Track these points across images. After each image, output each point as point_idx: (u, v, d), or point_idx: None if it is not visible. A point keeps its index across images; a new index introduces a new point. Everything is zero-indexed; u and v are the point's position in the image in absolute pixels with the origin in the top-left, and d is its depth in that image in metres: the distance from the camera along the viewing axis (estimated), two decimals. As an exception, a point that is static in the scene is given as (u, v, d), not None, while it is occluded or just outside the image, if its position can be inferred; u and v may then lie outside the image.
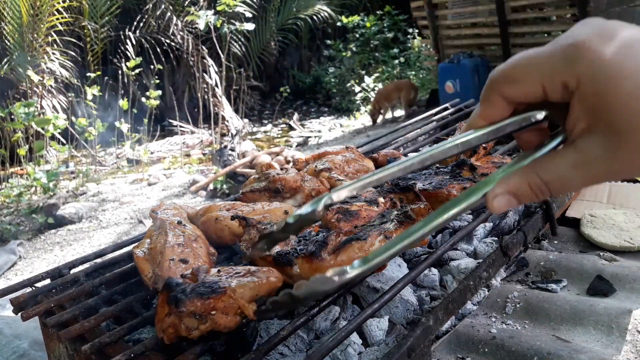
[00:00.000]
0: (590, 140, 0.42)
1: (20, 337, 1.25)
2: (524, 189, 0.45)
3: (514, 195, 0.46)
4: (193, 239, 0.94)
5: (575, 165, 0.43)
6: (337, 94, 9.72)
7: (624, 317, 1.00)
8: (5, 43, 7.01)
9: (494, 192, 0.46)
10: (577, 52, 0.41)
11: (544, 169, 0.45)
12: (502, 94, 0.46)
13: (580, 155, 0.43)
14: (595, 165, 0.43)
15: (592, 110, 0.41)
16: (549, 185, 0.45)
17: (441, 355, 0.96)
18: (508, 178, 0.46)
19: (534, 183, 0.45)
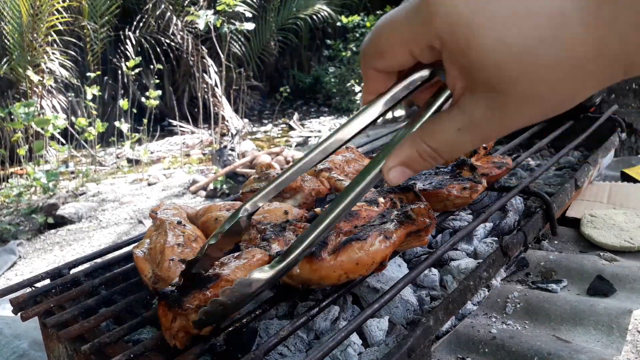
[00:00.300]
0: (472, 100, 0.40)
1: (20, 337, 1.25)
2: (415, 157, 0.44)
3: (406, 165, 0.45)
4: (193, 239, 0.94)
5: (461, 128, 0.41)
6: (337, 94, 9.72)
7: (624, 317, 1.00)
8: (5, 43, 7.01)
9: (387, 166, 0.46)
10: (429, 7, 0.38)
11: (431, 136, 0.43)
12: (375, 67, 0.44)
13: (466, 116, 0.41)
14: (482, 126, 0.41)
15: (464, 69, 0.39)
16: (438, 151, 0.43)
17: (441, 355, 0.95)
18: (399, 149, 0.45)
19: (423, 151, 0.44)
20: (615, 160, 1.93)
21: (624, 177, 1.75)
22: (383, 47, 0.43)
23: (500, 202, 1.15)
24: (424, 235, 0.88)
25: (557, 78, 0.37)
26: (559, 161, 1.65)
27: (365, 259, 0.79)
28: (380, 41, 0.43)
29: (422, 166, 0.45)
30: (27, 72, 6.35)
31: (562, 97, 0.39)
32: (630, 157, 2.12)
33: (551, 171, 1.67)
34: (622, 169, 1.80)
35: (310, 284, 0.80)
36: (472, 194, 1.06)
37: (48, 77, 6.82)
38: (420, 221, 0.85)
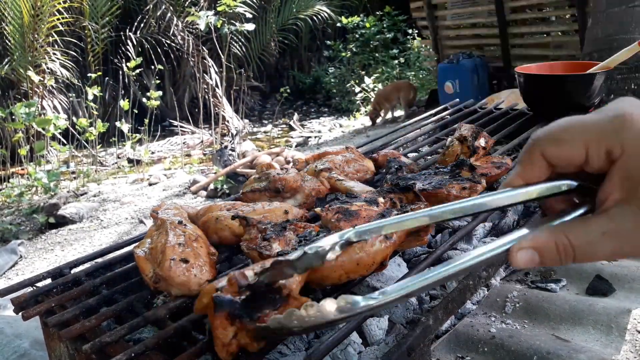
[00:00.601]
0: (624, 211, 0.42)
1: (21, 337, 1.25)
2: (550, 247, 0.45)
3: (539, 251, 0.45)
4: (194, 239, 0.94)
5: (606, 233, 0.43)
6: (337, 94, 9.73)
7: (623, 317, 1.00)
8: (6, 43, 7.02)
9: (519, 245, 0.45)
10: (624, 122, 0.42)
11: (573, 232, 0.44)
12: (545, 155, 0.46)
13: (613, 224, 0.43)
14: (626, 237, 0.42)
15: (630, 180, 0.42)
16: (575, 249, 0.44)
17: (441, 354, 0.96)
18: (535, 234, 0.46)
19: (562, 243, 0.44)
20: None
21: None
22: (563, 136, 0.45)
23: (499, 202, 1.15)
24: (424, 235, 0.88)
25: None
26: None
27: (366, 259, 0.79)
28: (561, 130, 0.45)
29: (552, 259, 0.45)
30: (28, 73, 6.36)
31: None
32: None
33: (551, 171, 1.67)
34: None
35: (311, 283, 0.80)
36: (472, 194, 1.06)
37: (49, 78, 6.83)
38: (419, 221, 0.85)
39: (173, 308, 0.87)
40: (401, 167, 1.23)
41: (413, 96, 7.50)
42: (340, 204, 0.98)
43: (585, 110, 1.73)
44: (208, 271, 0.89)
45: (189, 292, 0.87)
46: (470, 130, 1.36)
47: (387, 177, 1.19)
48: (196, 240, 0.94)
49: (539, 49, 6.24)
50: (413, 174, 1.18)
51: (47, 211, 4.57)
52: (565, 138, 0.45)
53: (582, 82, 1.65)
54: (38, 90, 6.83)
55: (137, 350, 0.75)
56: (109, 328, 0.96)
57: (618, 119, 0.42)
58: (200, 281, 0.87)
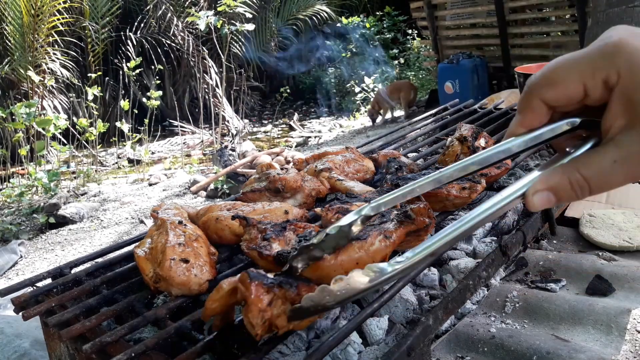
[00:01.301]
0: (630, 136, 0.43)
1: (22, 337, 1.25)
2: (565, 185, 0.45)
3: (554, 192, 0.46)
4: (194, 239, 0.94)
5: (617, 161, 0.43)
6: (337, 94, 9.73)
7: (623, 317, 1.00)
8: (6, 43, 7.02)
9: (534, 188, 0.46)
10: (614, 48, 0.42)
11: (585, 166, 0.45)
12: (544, 99, 0.46)
13: (622, 150, 0.43)
14: (637, 161, 0.43)
15: (631, 104, 0.42)
16: (589, 182, 0.45)
17: (441, 354, 0.96)
18: (548, 175, 0.46)
19: (575, 179, 0.45)
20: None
21: (624, 177, 1.75)
22: (558, 77, 0.45)
23: (499, 202, 1.15)
24: (424, 234, 0.88)
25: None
26: (558, 161, 1.65)
27: (365, 258, 0.79)
28: (556, 72, 0.45)
29: (568, 195, 0.46)
30: (28, 73, 6.37)
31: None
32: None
33: (551, 171, 1.67)
34: (621, 169, 1.80)
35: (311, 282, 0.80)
36: (472, 194, 1.06)
37: (49, 78, 6.83)
38: (419, 221, 0.86)
39: (173, 308, 0.87)
40: (401, 167, 1.23)
41: (413, 96, 7.50)
42: (340, 204, 0.98)
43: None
44: (208, 271, 0.89)
45: (189, 292, 0.87)
46: (471, 130, 1.36)
47: (387, 177, 1.19)
48: (196, 240, 0.94)
49: (539, 49, 6.24)
50: (413, 174, 1.18)
51: (47, 211, 4.57)
52: (560, 78, 0.45)
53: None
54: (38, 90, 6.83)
55: (137, 350, 0.75)
56: (109, 328, 0.96)
57: (609, 47, 0.42)
58: (200, 281, 0.87)
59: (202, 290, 0.88)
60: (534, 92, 0.47)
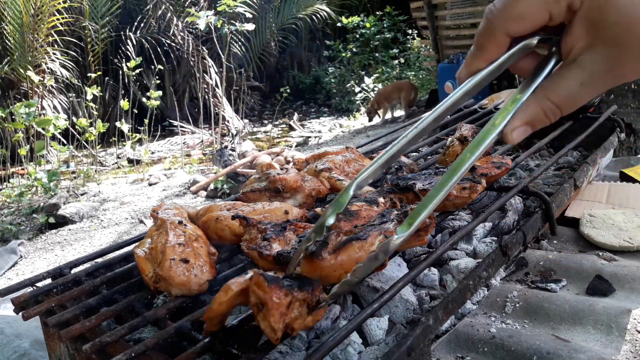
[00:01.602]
0: (593, 56, 0.44)
1: (21, 337, 1.25)
2: (539, 115, 0.47)
3: (530, 124, 0.48)
4: (194, 239, 0.94)
5: (583, 83, 0.45)
6: (337, 94, 9.73)
7: (623, 317, 1.00)
8: (6, 43, 7.01)
9: (512, 125, 0.48)
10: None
11: (554, 92, 0.46)
12: (509, 31, 0.47)
13: (587, 71, 0.45)
14: (601, 79, 0.45)
15: (594, 25, 0.43)
16: (560, 106, 0.46)
17: (441, 354, 0.96)
18: (523, 110, 0.47)
19: (547, 107, 0.47)
20: (614, 161, 1.93)
21: (623, 177, 1.75)
22: (524, 10, 0.46)
23: (499, 202, 1.15)
24: (424, 234, 0.88)
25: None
26: (558, 161, 1.65)
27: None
28: (520, 4, 0.46)
29: (543, 124, 0.48)
30: (28, 73, 6.36)
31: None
32: (629, 157, 2.12)
33: (550, 171, 1.67)
34: (621, 169, 1.80)
35: (310, 283, 0.80)
36: (472, 194, 1.06)
37: (49, 78, 6.83)
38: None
39: (173, 308, 0.87)
40: (401, 167, 1.23)
41: (414, 96, 7.51)
42: (340, 204, 0.97)
43: (585, 110, 1.73)
44: (208, 271, 0.89)
45: (189, 292, 0.87)
46: (471, 130, 1.36)
47: (387, 177, 1.19)
48: (196, 240, 0.94)
49: (539, 49, 6.23)
50: (413, 174, 1.18)
51: (47, 211, 4.57)
52: (525, 10, 0.45)
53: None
54: (38, 90, 6.83)
55: (137, 350, 0.75)
56: (109, 328, 0.96)
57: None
58: (200, 281, 0.87)
59: (202, 290, 0.88)
60: (497, 26, 0.47)
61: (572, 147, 1.52)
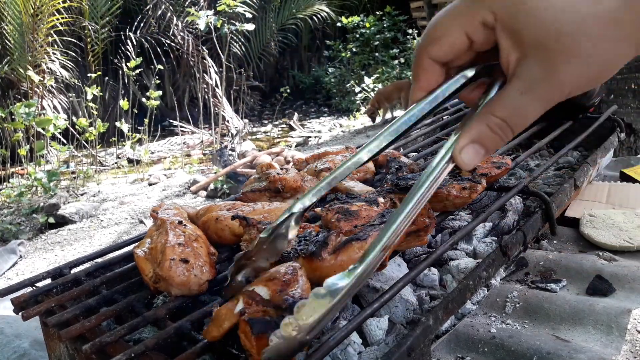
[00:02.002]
0: (527, 64, 0.43)
1: (21, 337, 1.25)
2: (485, 132, 0.45)
3: (478, 142, 0.45)
4: (194, 239, 0.94)
5: (523, 91, 0.43)
6: (337, 94, 9.73)
7: (624, 317, 1.00)
8: (6, 43, 7.01)
9: (459, 146, 0.46)
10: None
11: (496, 107, 0.45)
12: (432, 57, 0.47)
13: (523, 80, 0.43)
14: (540, 86, 0.43)
15: (516, 34, 0.43)
16: (507, 120, 0.45)
17: (441, 354, 0.96)
18: (468, 129, 0.46)
19: (493, 123, 0.45)
20: (614, 160, 1.93)
21: (623, 177, 1.75)
22: (440, 33, 0.46)
23: (499, 202, 1.15)
24: (424, 235, 0.88)
25: (596, 32, 0.40)
26: (558, 161, 1.65)
27: (365, 258, 0.79)
28: (437, 29, 0.46)
29: (494, 142, 0.46)
30: (28, 73, 6.36)
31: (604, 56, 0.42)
32: (630, 157, 2.12)
33: (550, 171, 1.67)
34: (621, 169, 1.80)
35: (311, 283, 0.80)
36: (472, 194, 1.06)
37: (49, 78, 6.83)
38: (419, 221, 0.86)
39: (173, 308, 0.87)
40: (401, 167, 1.23)
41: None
42: (340, 204, 0.97)
43: (585, 110, 1.73)
44: (208, 271, 0.89)
45: (188, 292, 0.87)
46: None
47: (387, 177, 1.19)
48: (196, 240, 0.94)
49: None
50: (413, 174, 1.18)
51: (46, 211, 4.57)
52: (442, 33, 0.46)
53: (582, 82, 1.64)
54: (38, 90, 6.83)
55: (137, 350, 0.75)
56: (109, 328, 0.96)
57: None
58: (200, 281, 0.87)
59: (202, 290, 0.88)
60: (422, 52, 0.47)
61: (572, 147, 1.52)
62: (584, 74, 0.43)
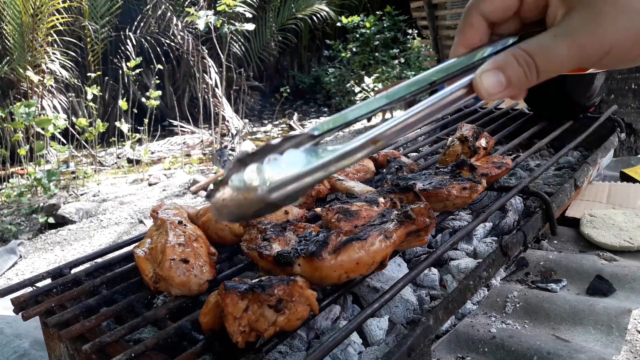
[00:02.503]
0: (570, 16, 0.44)
1: (21, 337, 1.25)
2: (511, 61, 0.45)
3: (502, 70, 0.44)
4: (194, 239, 0.94)
5: (557, 35, 0.44)
6: (337, 94, 9.73)
7: (624, 317, 1.00)
8: (6, 43, 7.01)
9: (481, 69, 0.45)
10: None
11: (527, 42, 0.45)
12: (482, 12, 0.48)
13: (561, 27, 0.44)
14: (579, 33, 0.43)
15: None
16: (533, 56, 0.44)
17: (441, 354, 0.96)
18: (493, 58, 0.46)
19: (519, 54, 0.44)
20: (614, 160, 1.93)
21: (623, 177, 1.75)
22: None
23: (499, 202, 1.15)
24: (424, 235, 0.88)
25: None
26: (558, 161, 1.65)
27: (366, 258, 0.79)
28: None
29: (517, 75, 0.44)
30: (27, 73, 6.36)
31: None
32: (630, 157, 2.12)
33: (550, 171, 1.67)
34: (621, 169, 1.80)
35: (311, 283, 0.80)
36: (472, 194, 1.06)
37: (48, 78, 6.83)
38: (420, 221, 0.86)
39: (173, 308, 0.87)
40: (401, 167, 1.23)
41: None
42: (340, 204, 0.97)
43: (585, 110, 1.73)
44: (208, 271, 0.89)
45: (189, 292, 0.87)
46: (472, 130, 1.36)
47: (387, 177, 1.19)
48: (196, 240, 0.94)
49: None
50: (413, 174, 1.18)
51: (46, 211, 4.57)
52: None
53: (582, 82, 1.64)
54: (37, 90, 6.83)
55: (137, 350, 0.75)
56: (109, 328, 0.96)
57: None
58: (200, 281, 0.87)
59: (202, 290, 0.88)
60: (472, 7, 0.48)
61: (572, 147, 1.52)
62: (630, 31, 0.42)
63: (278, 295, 0.70)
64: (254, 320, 0.70)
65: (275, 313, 0.70)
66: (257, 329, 0.71)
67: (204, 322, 0.76)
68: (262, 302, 0.70)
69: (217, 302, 0.73)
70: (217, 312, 0.73)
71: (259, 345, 0.73)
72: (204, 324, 0.76)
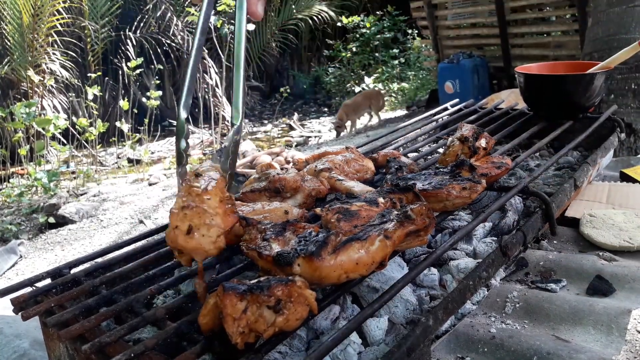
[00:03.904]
0: None
1: (21, 337, 1.25)
2: None
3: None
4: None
5: None
6: (337, 94, 9.73)
7: (624, 317, 1.00)
8: (6, 43, 7.01)
9: None
10: None
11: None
12: None
13: None
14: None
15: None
16: None
17: (441, 354, 0.96)
18: None
19: None
20: (614, 161, 1.93)
21: (623, 177, 1.75)
22: None
23: (499, 202, 1.15)
24: (424, 235, 0.88)
25: None
26: (558, 161, 1.65)
27: (365, 258, 0.79)
28: None
29: None
30: (28, 73, 6.37)
31: None
32: (629, 157, 2.12)
33: (550, 171, 1.67)
34: (621, 169, 1.80)
35: (311, 283, 0.80)
36: (472, 194, 1.06)
37: (49, 78, 6.83)
38: (419, 221, 0.86)
39: (173, 308, 0.87)
40: (401, 167, 1.23)
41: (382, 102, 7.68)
42: (340, 204, 0.97)
43: (585, 110, 1.73)
44: (219, 224, 0.83)
45: (206, 253, 0.83)
46: (472, 130, 1.36)
47: (387, 177, 1.19)
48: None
49: (539, 49, 6.24)
50: (413, 174, 1.18)
51: (47, 211, 4.57)
52: None
53: (582, 82, 1.64)
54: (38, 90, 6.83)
55: (136, 350, 0.75)
56: (109, 328, 0.96)
57: None
58: (211, 239, 0.82)
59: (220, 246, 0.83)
60: None
61: (572, 147, 1.52)
62: None
63: (277, 296, 0.70)
64: (253, 321, 0.70)
65: (274, 314, 0.70)
66: (256, 330, 0.71)
67: (203, 323, 0.76)
68: (261, 303, 0.70)
69: (216, 303, 0.73)
70: (217, 313, 0.74)
71: (258, 346, 0.73)
72: (203, 325, 0.76)
